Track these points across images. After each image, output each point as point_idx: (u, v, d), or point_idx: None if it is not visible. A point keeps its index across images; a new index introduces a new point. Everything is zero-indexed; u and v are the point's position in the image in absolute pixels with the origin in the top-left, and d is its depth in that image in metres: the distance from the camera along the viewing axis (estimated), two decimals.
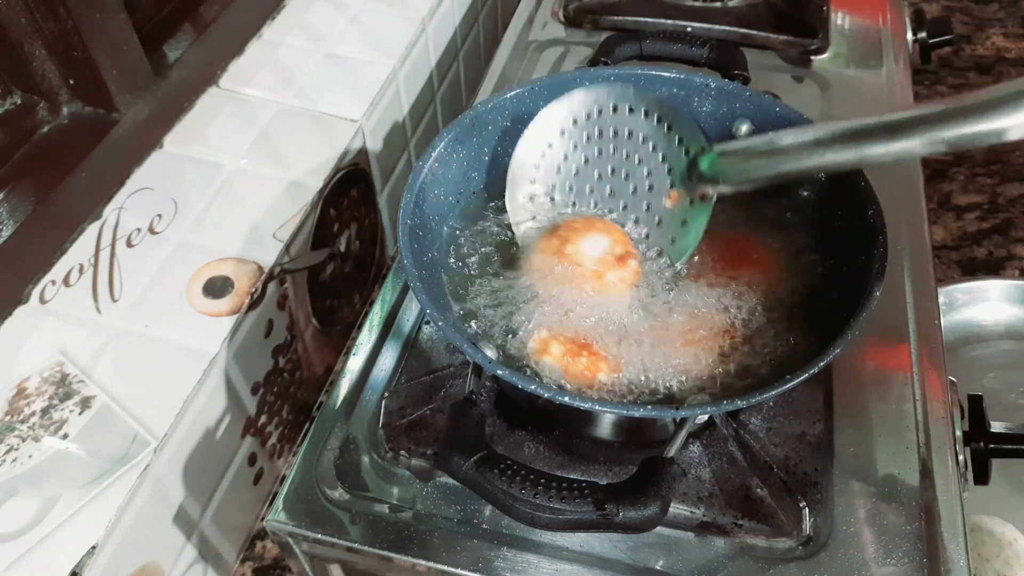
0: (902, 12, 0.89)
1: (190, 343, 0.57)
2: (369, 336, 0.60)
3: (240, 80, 0.76)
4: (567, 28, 0.87)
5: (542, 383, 0.44)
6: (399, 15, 0.85)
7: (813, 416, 0.54)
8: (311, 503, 0.51)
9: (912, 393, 0.55)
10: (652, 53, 0.69)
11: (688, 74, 0.60)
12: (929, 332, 0.58)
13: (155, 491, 0.53)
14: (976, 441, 0.55)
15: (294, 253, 0.65)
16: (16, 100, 0.64)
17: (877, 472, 0.51)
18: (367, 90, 0.76)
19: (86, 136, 0.65)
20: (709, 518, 0.50)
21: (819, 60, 0.82)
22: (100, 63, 0.63)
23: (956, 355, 0.82)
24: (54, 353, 0.56)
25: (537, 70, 0.82)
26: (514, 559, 0.48)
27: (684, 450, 0.53)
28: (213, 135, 0.71)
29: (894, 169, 0.70)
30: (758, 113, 0.59)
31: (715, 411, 0.49)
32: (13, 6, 0.59)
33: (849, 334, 0.44)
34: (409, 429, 0.55)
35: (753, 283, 0.54)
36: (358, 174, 0.75)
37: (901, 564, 0.47)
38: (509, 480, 0.42)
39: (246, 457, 0.64)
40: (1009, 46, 1.22)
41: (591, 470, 0.53)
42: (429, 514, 0.51)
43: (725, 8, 0.86)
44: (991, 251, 0.95)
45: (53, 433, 0.52)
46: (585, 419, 0.53)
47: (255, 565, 0.68)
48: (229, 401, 0.60)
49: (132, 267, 0.61)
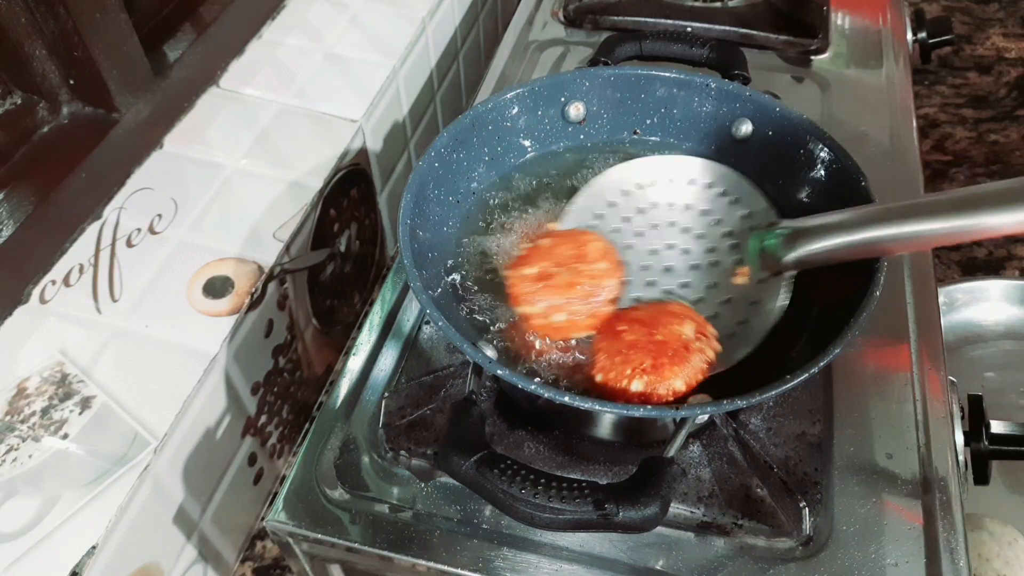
0: (902, 12, 0.89)
1: (190, 343, 0.57)
2: (369, 336, 0.60)
3: (240, 80, 0.76)
4: (567, 28, 0.87)
5: (542, 383, 0.44)
6: (399, 15, 0.85)
7: (813, 416, 0.54)
8: (311, 503, 0.51)
9: (912, 393, 0.55)
10: (652, 53, 0.69)
11: (688, 74, 0.60)
12: (929, 332, 0.58)
13: (155, 491, 0.53)
14: (976, 441, 0.55)
15: (294, 253, 0.65)
16: (16, 100, 0.64)
17: (877, 472, 0.51)
18: (367, 90, 0.76)
19: (86, 136, 0.65)
20: (709, 518, 0.50)
21: (819, 60, 0.82)
22: (100, 63, 0.63)
23: (956, 355, 0.82)
24: (54, 353, 0.56)
25: (537, 70, 0.82)
26: (514, 559, 0.48)
27: (684, 450, 0.53)
28: (213, 135, 0.71)
29: (894, 169, 0.71)
30: (758, 113, 0.59)
31: (715, 411, 0.49)
32: (13, 6, 0.59)
33: (849, 334, 0.44)
34: (409, 429, 0.55)
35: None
36: (358, 174, 0.75)
37: (901, 564, 0.47)
38: (509, 480, 0.42)
39: (246, 457, 0.64)
40: (1009, 46, 1.22)
41: (591, 470, 0.53)
42: (429, 514, 0.51)
43: (725, 8, 0.86)
44: (991, 251, 0.95)
45: (53, 433, 0.52)
46: (585, 419, 0.53)
47: (255, 565, 0.68)
48: (229, 401, 0.60)
49: (132, 267, 0.61)
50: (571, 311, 0.50)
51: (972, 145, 1.08)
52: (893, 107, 0.77)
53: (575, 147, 0.63)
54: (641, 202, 0.55)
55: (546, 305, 0.49)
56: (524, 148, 0.61)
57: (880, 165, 0.71)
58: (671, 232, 0.54)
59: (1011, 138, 1.09)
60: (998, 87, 1.16)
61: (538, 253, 0.51)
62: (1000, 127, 1.10)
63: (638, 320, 0.49)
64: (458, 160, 0.58)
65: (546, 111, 0.61)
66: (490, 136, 0.59)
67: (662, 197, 0.55)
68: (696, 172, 0.54)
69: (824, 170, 0.55)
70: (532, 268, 0.50)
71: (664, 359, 0.46)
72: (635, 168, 0.54)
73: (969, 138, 1.09)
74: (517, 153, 0.61)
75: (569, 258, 0.50)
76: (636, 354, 0.47)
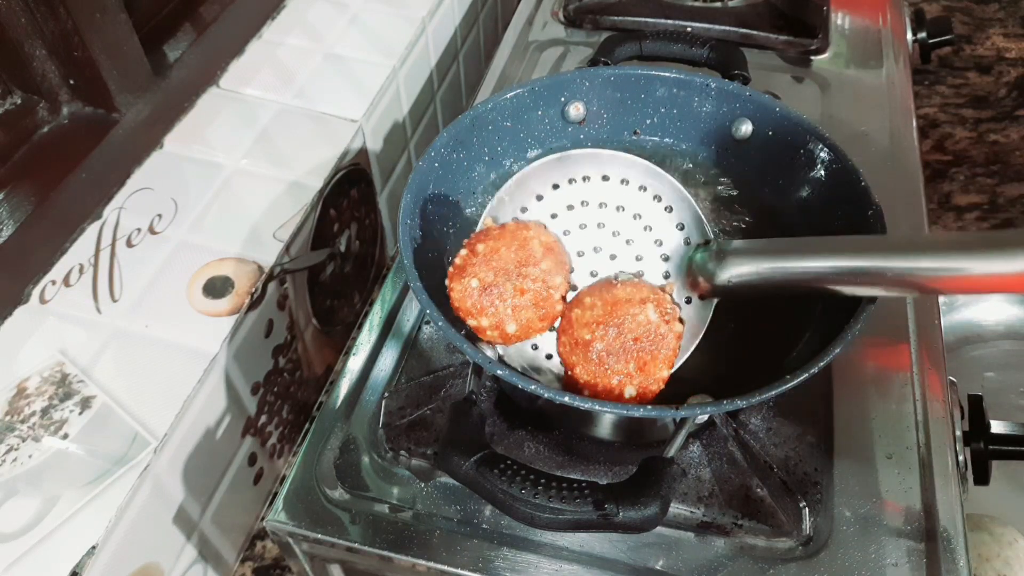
0: (902, 12, 0.89)
1: (190, 343, 0.57)
2: (369, 336, 0.60)
3: (240, 80, 0.76)
4: (567, 28, 0.87)
5: (542, 383, 0.44)
6: (399, 15, 0.85)
7: (813, 416, 0.54)
8: (311, 503, 0.51)
9: (912, 393, 0.55)
10: (652, 53, 0.69)
11: (688, 74, 0.60)
12: (929, 332, 0.58)
13: (155, 491, 0.53)
14: (976, 441, 0.55)
15: (294, 253, 0.65)
16: (16, 100, 0.64)
17: (877, 472, 0.51)
18: (367, 90, 0.76)
19: (86, 136, 0.65)
20: (709, 518, 0.50)
21: (819, 60, 0.82)
22: (100, 63, 0.63)
23: (956, 355, 0.82)
24: (54, 353, 0.56)
25: (537, 70, 0.82)
26: (514, 559, 0.48)
27: (684, 450, 0.53)
28: (213, 135, 0.71)
29: (894, 169, 0.71)
30: (758, 113, 0.59)
31: (715, 411, 0.49)
32: (13, 6, 0.59)
33: (849, 334, 0.44)
34: (409, 429, 0.55)
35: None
36: (358, 174, 0.75)
37: (901, 564, 0.47)
38: (509, 480, 0.42)
39: (246, 457, 0.64)
40: (1009, 46, 1.22)
41: (591, 470, 0.53)
42: (429, 514, 0.51)
43: (725, 8, 0.86)
44: None
45: (53, 433, 0.52)
46: (585, 419, 0.53)
47: (255, 565, 0.68)
48: (229, 401, 0.60)
49: (132, 267, 0.61)
50: (521, 319, 0.48)
51: (972, 145, 1.08)
52: (893, 107, 0.77)
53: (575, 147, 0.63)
54: (571, 198, 0.52)
55: (495, 319, 0.48)
56: (524, 148, 0.61)
57: (880, 165, 0.71)
58: (600, 235, 0.52)
59: (1011, 138, 1.09)
60: (998, 87, 1.16)
61: (479, 261, 0.48)
62: (1000, 127, 1.10)
63: (599, 321, 0.47)
64: (458, 160, 0.58)
65: (546, 111, 0.61)
66: (490, 136, 0.59)
67: (594, 195, 0.52)
68: (633, 173, 0.51)
69: (824, 170, 0.55)
70: (474, 280, 0.48)
71: (645, 357, 0.46)
72: (569, 161, 0.52)
73: (969, 138, 1.09)
74: (517, 153, 0.61)
75: (513, 262, 0.48)
76: (615, 361, 0.46)
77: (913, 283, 0.41)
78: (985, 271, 0.37)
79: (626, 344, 0.46)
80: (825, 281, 0.44)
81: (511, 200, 0.53)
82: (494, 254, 0.48)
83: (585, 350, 0.47)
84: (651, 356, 0.46)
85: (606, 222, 0.52)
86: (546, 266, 0.49)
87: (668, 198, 0.52)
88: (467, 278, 0.48)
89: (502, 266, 0.48)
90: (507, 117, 0.59)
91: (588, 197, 0.53)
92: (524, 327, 0.49)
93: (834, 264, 0.44)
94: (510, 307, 0.48)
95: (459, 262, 0.49)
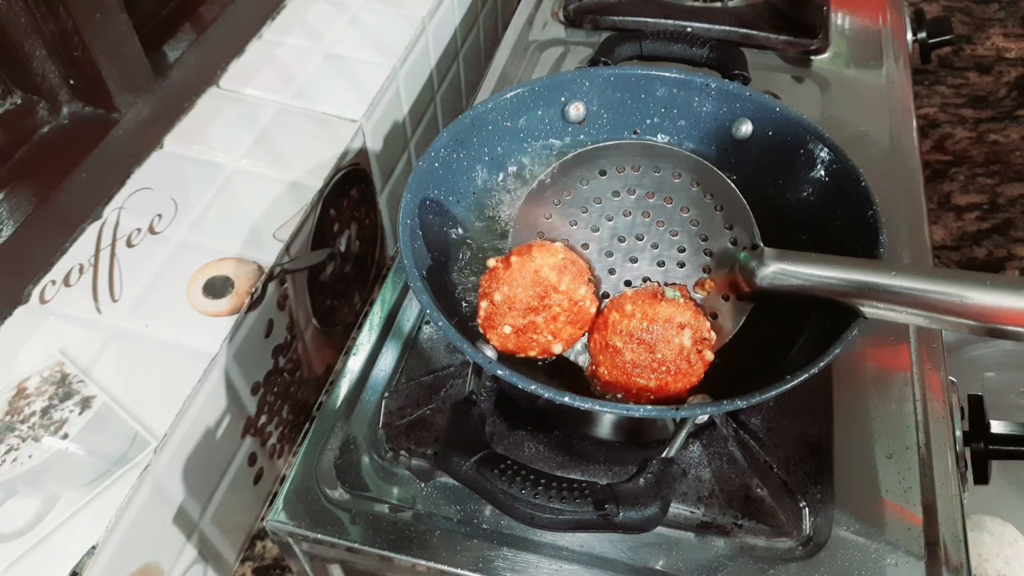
0: (902, 12, 0.89)
1: (190, 343, 0.57)
2: (369, 336, 0.60)
3: (240, 80, 0.76)
4: (567, 28, 0.87)
5: (542, 383, 0.44)
6: (399, 15, 0.85)
7: (813, 416, 0.54)
8: (311, 503, 0.51)
9: (912, 393, 0.55)
10: (652, 53, 0.69)
11: (688, 74, 0.60)
12: (929, 332, 0.58)
13: (155, 491, 0.53)
14: (976, 441, 0.55)
15: (294, 253, 0.65)
16: (16, 100, 0.64)
17: (877, 472, 0.51)
18: (367, 90, 0.76)
19: (86, 136, 0.65)
20: (709, 518, 0.50)
21: (819, 60, 0.82)
22: (100, 63, 0.63)
23: (956, 355, 0.81)
24: (54, 353, 0.56)
25: (537, 70, 0.82)
26: (514, 559, 0.48)
27: (684, 450, 0.53)
28: (213, 135, 0.71)
29: (894, 169, 0.71)
30: (758, 113, 0.59)
31: (715, 411, 0.49)
32: (13, 6, 0.59)
33: (849, 334, 0.44)
34: (409, 429, 0.55)
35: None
36: (358, 174, 0.75)
37: (901, 564, 0.47)
38: (509, 480, 0.42)
39: (246, 457, 0.64)
40: (1009, 46, 1.22)
41: (591, 470, 0.53)
42: (429, 514, 0.51)
43: (725, 8, 0.86)
44: (991, 251, 0.95)
45: (53, 433, 0.52)
46: (585, 419, 0.53)
47: (255, 565, 0.68)
48: (229, 401, 0.60)
49: (132, 267, 0.61)
50: (563, 337, 0.49)
51: (972, 145, 1.08)
52: (893, 107, 0.77)
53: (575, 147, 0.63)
54: (617, 185, 0.54)
55: (541, 347, 0.49)
56: (524, 148, 0.61)
57: (880, 165, 0.71)
58: (644, 223, 0.53)
59: (1011, 138, 1.09)
60: (998, 87, 1.16)
61: (502, 310, 0.49)
62: (1000, 127, 1.10)
63: (633, 334, 0.47)
64: (458, 160, 0.58)
65: (546, 111, 0.61)
66: (490, 136, 0.59)
67: (643, 185, 0.54)
68: (687, 168, 0.53)
69: (824, 170, 0.55)
70: (506, 327, 0.48)
71: (668, 379, 0.47)
72: (618, 149, 0.53)
73: (969, 138, 1.09)
74: (517, 153, 0.61)
75: (534, 297, 0.48)
76: (639, 374, 0.47)
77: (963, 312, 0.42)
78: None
79: (654, 363, 0.47)
80: (865, 296, 0.45)
81: (553, 185, 0.54)
82: (513, 300, 0.48)
83: (614, 356, 0.48)
84: (674, 379, 0.47)
85: (652, 211, 0.53)
86: (566, 285, 0.49)
87: (721, 197, 0.52)
88: (499, 327, 0.49)
89: (525, 305, 0.48)
90: (507, 117, 0.59)
91: (636, 186, 0.54)
92: (568, 340, 0.50)
93: (880, 281, 0.44)
94: (549, 333, 0.49)
95: (484, 314, 0.49)
